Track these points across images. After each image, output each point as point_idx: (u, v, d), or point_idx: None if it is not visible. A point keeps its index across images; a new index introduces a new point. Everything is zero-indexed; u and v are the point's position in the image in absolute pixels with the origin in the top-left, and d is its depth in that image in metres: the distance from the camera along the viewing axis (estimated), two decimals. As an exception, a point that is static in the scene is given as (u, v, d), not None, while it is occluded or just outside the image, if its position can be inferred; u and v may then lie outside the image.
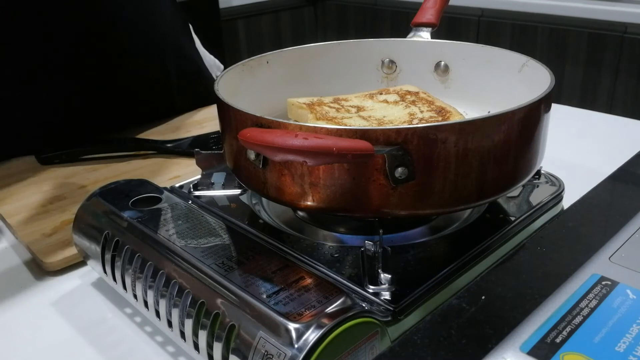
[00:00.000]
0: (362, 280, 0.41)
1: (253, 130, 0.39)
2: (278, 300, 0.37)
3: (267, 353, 0.35)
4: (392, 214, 0.42)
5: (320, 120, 0.54)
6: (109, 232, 0.49)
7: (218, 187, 0.56)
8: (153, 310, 0.44)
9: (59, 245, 0.57)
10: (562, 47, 1.99)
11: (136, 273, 0.45)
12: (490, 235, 0.46)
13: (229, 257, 0.43)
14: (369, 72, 0.66)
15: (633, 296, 0.32)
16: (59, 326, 0.49)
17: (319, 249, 0.45)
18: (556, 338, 0.29)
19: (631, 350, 0.28)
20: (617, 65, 1.89)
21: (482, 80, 0.60)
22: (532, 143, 0.44)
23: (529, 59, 0.54)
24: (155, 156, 0.78)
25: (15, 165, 0.77)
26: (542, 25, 2.02)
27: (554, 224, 0.40)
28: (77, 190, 0.69)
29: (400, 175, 0.39)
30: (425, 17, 0.65)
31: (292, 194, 0.43)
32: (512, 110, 0.41)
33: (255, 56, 0.59)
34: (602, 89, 1.95)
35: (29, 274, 0.56)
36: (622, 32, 1.85)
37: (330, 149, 0.36)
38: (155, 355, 0.45)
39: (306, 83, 0.63)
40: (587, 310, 0.31)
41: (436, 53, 0.63)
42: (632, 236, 0.37)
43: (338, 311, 0.36)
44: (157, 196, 0.53)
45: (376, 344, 0.37)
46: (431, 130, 0.39)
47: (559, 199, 0.53)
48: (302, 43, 0.66)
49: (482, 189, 0.43)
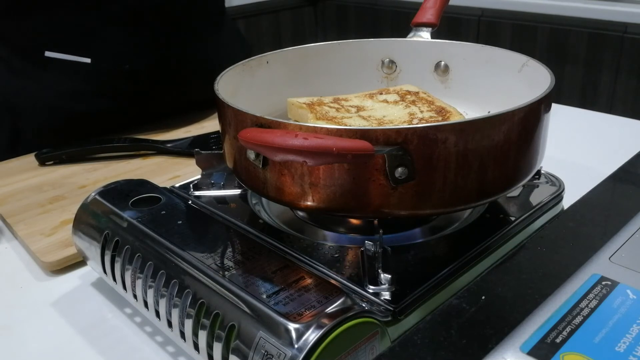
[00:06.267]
0: (362, 280, 0.41)
1: (253, 130, 0.39)
2: (278, 300, 0.37)
3: (267, 353, 0.35)
4: (392, 214, 0.42)
5: (320, 120, 0.54)
6: (109, 232, 0.49)
7: (218, 187, 0.56)
8: (153, 310, 0.44)
9: (59, 245, 0.57)
10: (562, 47, 1.99)
11: (136, 273, 0.45)
12: (490, 235, 0.46)
13: (229, 257, 0.43)
14: (369, 72, 0.65)
15: (633, 296, 0.32)
16: (59, 326, 0.49)
17: (319, 249, 0.45)
18: (556, 338, 0.29)
19: (631, 350, 0.28)
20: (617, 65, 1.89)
21: (482, 80, 0.60)
22: (532, 143, 0.44)
23: (529, 59, 0.54)
24: (155, 156, 0.78)
25: (15, 165, 0.78)
26: (542, 25, 2.02)
27: (554, 224, 0.40)
28: (77, 190, 0.69)
29: (400, 175, 0.39)
30: (425, 17, 0.65)
31: (292, 194, 0.43)
32: (512, 110, 0.41)
33: (255, 56, 0.59)
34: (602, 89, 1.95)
35: (29, 274, 0.56)
36: (622, 32, 1.85)
37: (330, 149, 0.36)
38: (155, 355, 0.45)
39: (306, 83, 0.63)
40: (587, 311, 0.31)
41: (436, 53, 0.63)
42: (632, 236, 0.37)
43: (338, 311, 0.36)
44: (157, 196, 0.53)
45: (376, 344, 0.37)
46: (431, 130, 0.39)
47: (559, 199, 0.53)
48: (302, 43, 0.66)
49: (482, 189, 0.43)
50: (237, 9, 2.57)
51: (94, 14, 0.80)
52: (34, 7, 0.78)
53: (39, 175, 0.74)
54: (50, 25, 0.80)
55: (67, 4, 0.79)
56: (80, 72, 0.81)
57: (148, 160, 0.77)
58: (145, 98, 0.88)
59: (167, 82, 0.88)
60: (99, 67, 0.82)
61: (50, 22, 0.79)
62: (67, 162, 0.77)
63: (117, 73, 0.83)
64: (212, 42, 0.92)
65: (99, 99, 0.84)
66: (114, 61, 0.83)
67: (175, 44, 0.87)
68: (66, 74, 0.81)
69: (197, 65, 0.90)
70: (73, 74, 0.81)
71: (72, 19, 0.80)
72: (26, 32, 0.80)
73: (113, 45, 0.82)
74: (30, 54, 0.81)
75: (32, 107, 0.83)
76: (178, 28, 0.87)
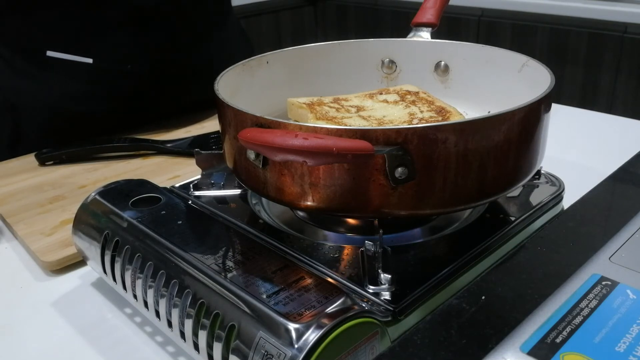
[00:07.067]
0: (362, 280, 0.41)
1: (253, 130, 0.39)
2: (278, 300, 0.37)
3: (267, 353, 0.35)
4: (392, 214, 0.42)
5: (320, 120, 0.54)
6: (109, 232, 0.49)
7: (218, 187, 0.56)
8: (153, 310, 0.44)
9: (59, 245, 0.57)
10: (562, 47, 1.99)
11: (136, 273, 0.45)
12: (490, 235, 0.46)
13: (229, 257, 0.43)
14: (369, 72, 0.65)
15: (633, 296, 0.32)
16: (59, 326, 0.49)
17: (319, 249, 0.45)
18: (556, 338, 0.29)
19: (631, 350, 0.28)
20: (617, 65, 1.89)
21: (482, 80, 0.60)
22: (532, 143, 0.44)
23: (529, 59, 0.54)
24: (155, 156, 0.78)
25: (15, 165, 0.78)
26: (542, 25, 2.02)
27: (554, 224, 0.40)
28: (77, 190, 0.69)
29: (400, 175, 0.39)
30: (425, 17, 0.65)
31: (292, 194, 0.43)
32: (512, 110, 0.41)
33: (255, 56, 0.59)
34: (602, 89, 1.95)
35: (29, 274, 0.56)
36: (622, 32, 1.85)
37: (330, 149, 0.36)
38: (155, 355, 0.45)
39: (306, 83, 0.63)
40: (587, 311, 0.31)
41: (436, 53, 0.63)
42: (632, 236, 0.37)
43: (338, 311, 0.36)
44: (157, 196, 0.53)
45: (376, 344, 0.37)
46: (431, 130, 0.39)
47: (559, 199, 0.53)
48: (302, 43, 0.66)
49: (482, 189, 0.43)
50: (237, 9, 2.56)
51: (96, 14, 0.80)
52: (35, 7, 0.78)
53: (39, 175, 0.74)
54: (52, 25, 0.80)
55: (69, 3, 0.79)
56: (81, 73, 0.81)
57: (148, 160, 0.77)
58: (147, 99, 0.87)
59: (170, 83, 0.88)
60: (101, 67, 0.82)
61: (52, 21, 0.79)
62: (67, 162, 0.77)
63: (119, 73, 0.83)
64: (216, 42, 0.92)
65: (100, 100, 0.84)
66: (116, 62, 0.83)
67: (178, 45, 0.87)
68: (68, 74, 0.81)
69: (200, 66, 0.90)
70: (75, 74, 0.81)
71: (74, 19, 0.80)
72: (28, 32, 0.80)
73: (115, 45, 0.82)
74: (32, 54, 0.81)
75: (33, 107, 0.83)
76: (181, 29, 0.87)
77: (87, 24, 0.80)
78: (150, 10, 0.83)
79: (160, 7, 0.83)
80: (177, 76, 0.88)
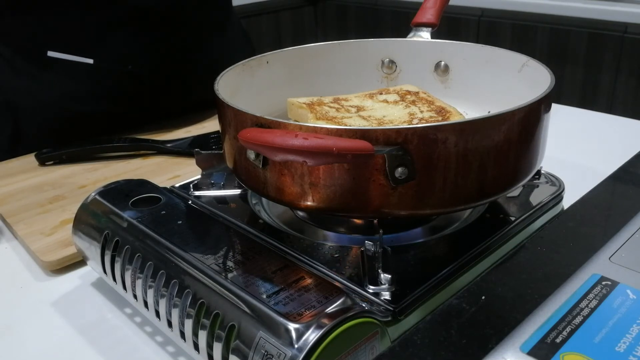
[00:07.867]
0: (362, 281, 0.41)
1: (253, 130, 0.39)
2: (278, 300, 0.37)
3: (267, 353, 0.35)
4: (392, 214, 0.42)
5: (320, 120, 0.54)
6: (109, 232, 0.49)
7: (218, 187, 0.56)
8: (153, 310, 0.44)
9: (59, 245, 0.57)
10: (562, 47, 1.99)
11: (136, 273, 0.45)
12: (490, 235, 0.46)
13: (229, 257, 0.43)
14: (369, 72, 0.65)
15: (633, 296, 0.32)
16: (59, 326, 0.49)
17: (319, 249, 0.45)
18: (556, 338, 0.29)
19: (631, 350, 0.28)
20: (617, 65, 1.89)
21: (482, 80, 0.60)
22: (532, 143, 0.44)
23: (529, 59, 0.54)
24: (155, 156, 0.78)
25: (15, 165, 0.78)
26: (542, 25, 2.02)
27: (554, 224, 0.40)
28: (77, 190, 0.69)
29: (400, 175, 0.39)
30: (425, 17, 0.65)
31: (292, 194, 0.43)
32: (512, 110, 0.41)
33: (255, 56, 0.59)
34: (602, 89, 1.95)
35: (28, 274, 0.56)
36: (622, 32, 1.85)
37: (330, 149, 0.36)
38: (155, 355, 0.45)
39: (306, 83, 0.63)
40: (587, 311, 0.31)
41: (436, 53, 0.63)
42: (632, 236, 0.37)
43: (338, 311, 0.36)
44: (157, 196, 0.53)
45: (376, 344, 0.37)
46: (431, 130, 0.39)
47: (559, 199, 0.53)
48: (302, 43, 0.66)
49: (482, 189, 0.43)
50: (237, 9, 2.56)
51: (97, 15, 0.80)
52: (36, 7, 0.78)
53: (39, 175, 0.74)
54: (53, 25, 0.80)
55: (70, 3, 0.79)
56: (82, 73, 0.81)
57: (148, 160, 0.77)
58: (147, 99, 0.87)
59: (170, 83, 0.88)
60: (102, 67, 0.82)
61: (53, 22, 0.79)
62: (67, 162, 0.77)
63: (119, 74, 0.83)
64: (217, 42, 0.92)
65: (101, 100, 0.84)
66: (117, 62, 0.83)
67: (178, 45, 0.87)
68: (68, 74, 0.81)
69: (200, 66, 0.90)
70: (75, 74, 0.81)
71: (75, 19, 0.80)
72: (29, 32, 0.80)
73: (116, 46, 0.82)
74: (33, 54, 0.81)
75: (33, 107, 0.83)
76: (182, 29, 0.87)
77: (87, 24, 0.80)
78: (151, 10, 0.83)
79: (160, 7, 0.83)
80: (177, 76, 0.88)
